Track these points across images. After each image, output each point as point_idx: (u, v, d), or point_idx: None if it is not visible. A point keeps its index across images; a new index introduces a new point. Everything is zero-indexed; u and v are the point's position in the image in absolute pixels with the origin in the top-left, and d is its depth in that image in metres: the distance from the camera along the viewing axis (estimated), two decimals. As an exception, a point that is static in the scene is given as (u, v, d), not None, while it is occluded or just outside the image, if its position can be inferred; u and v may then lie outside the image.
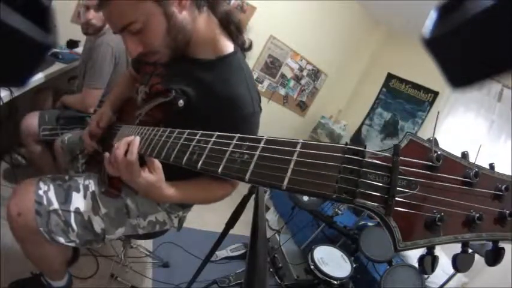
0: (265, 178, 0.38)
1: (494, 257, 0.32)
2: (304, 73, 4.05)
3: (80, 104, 1.68)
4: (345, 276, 1.84)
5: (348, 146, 0.34)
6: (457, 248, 0.33)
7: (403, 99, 3.76)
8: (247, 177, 0.39)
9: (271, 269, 2.25)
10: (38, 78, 1.55)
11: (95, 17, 1.66)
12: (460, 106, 3.12)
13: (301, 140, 0.37)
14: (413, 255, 2.61)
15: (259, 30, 3.45)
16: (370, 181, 0.32)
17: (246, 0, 3.28)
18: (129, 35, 0.77)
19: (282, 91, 4.00)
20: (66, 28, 2.36)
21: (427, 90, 3.49)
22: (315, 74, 4.12)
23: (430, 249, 0.32)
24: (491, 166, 0.34)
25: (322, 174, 0.34)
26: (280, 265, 2.27)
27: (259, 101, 0.90)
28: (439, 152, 0.32)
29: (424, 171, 0.32)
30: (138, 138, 0.70)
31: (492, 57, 0.20)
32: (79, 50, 2.20)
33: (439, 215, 0.30)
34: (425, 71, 2.68)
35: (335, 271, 1.84)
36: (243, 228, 1.61)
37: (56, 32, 0.26)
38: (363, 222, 2.40)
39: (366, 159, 0.32)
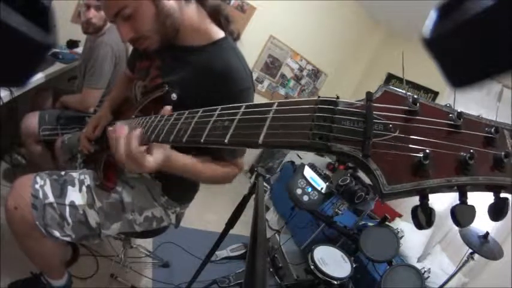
0: (243, 137, 0.39)
1: (497, 210, 0.28)
2: (304, 73, 4.05)
3: (80, 104, 1.69)
4: (345, 276, 1.83)
5: (320, 98, 0.34)
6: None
7: (403, 99, 3.76)
8: (226, 139, 0.40)
9: (271, 269, 2.25)
10: (38, 78, 1.55)
11: (95, 16, 1.66)
12: (460, 106, 3.12)
13: (278, 101, 0.38)
14: (413, 256, 2.61)
15: (259, 30, 3.45)
16: (345, 126, 0.31)
17: (246, 0, 3.28)
18: (121, 21, 0.83)
19: (282, 91, 4.00)
20: (66, 28, 2.36)
21: (427, 90, 3.49)
22: (315, 74, 4.12)
23: (424, 199, 0.29)
24: (478, 116, 0.32)
25: (296, 125, 0.34)
26: (280, 265, 2.27)
27: (252, 79, 0.93)
28: (415, 96, 0.31)
29: (402, 115, 0.30)
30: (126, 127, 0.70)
31: (492, 57, 0.20)
32: (79, 50, 2.20)
33: (423, 154, 0.28)
34: (425, 71, 2.67)
35: (335, 271, 1.83)
36: (243, 228, 1.61)
37: (56, 32, 0.26)
38: (363, 222, 2.40)
39: (339, 107, 0.32)
